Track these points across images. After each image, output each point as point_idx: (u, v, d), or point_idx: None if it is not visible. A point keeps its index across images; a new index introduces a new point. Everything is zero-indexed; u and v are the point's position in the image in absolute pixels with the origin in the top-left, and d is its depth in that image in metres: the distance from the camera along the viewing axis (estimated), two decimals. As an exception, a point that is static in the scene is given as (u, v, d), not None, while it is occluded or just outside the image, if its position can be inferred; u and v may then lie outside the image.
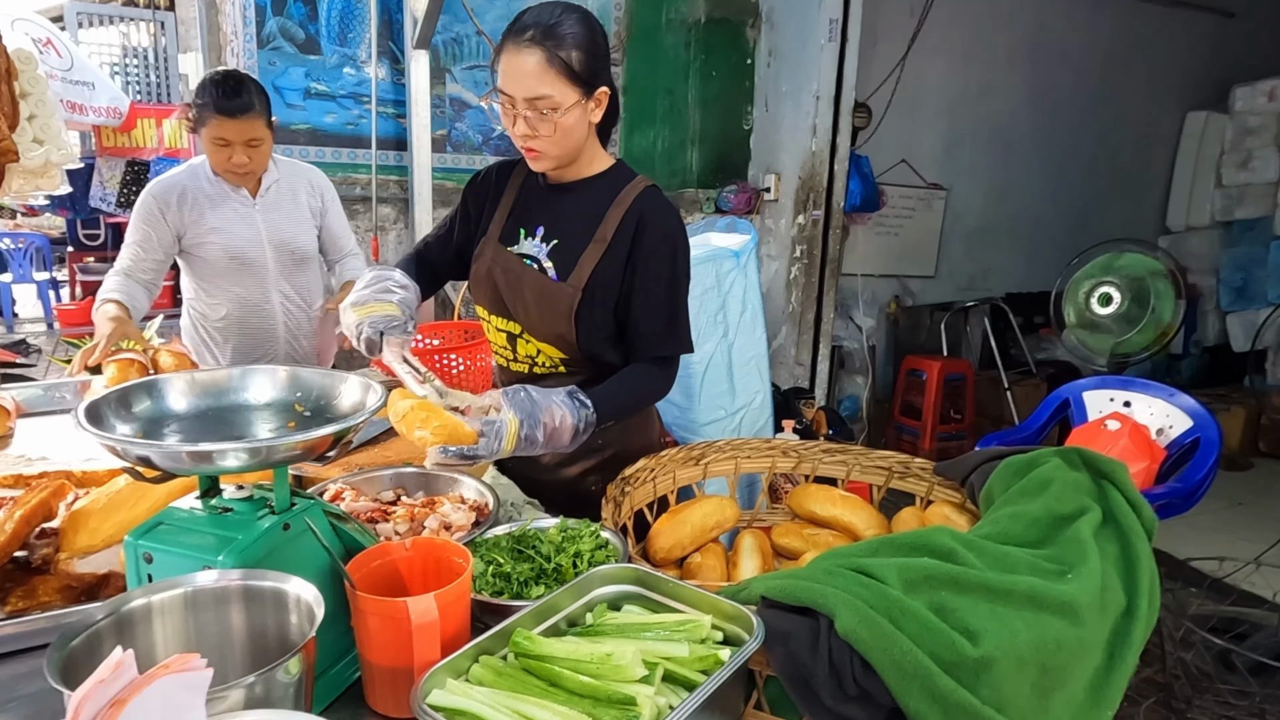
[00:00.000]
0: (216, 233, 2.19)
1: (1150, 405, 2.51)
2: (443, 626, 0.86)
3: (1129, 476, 1.20)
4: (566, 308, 1.41)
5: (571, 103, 1.32)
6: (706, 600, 0.95)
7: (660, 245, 1.41)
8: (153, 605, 0.75)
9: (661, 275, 1.42)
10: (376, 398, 0.92)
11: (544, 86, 1.29)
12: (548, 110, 1.31)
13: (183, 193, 2.16)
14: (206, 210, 2.17)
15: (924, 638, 0.89)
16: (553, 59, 1.29)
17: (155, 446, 0.75)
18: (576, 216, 1.45)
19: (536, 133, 1.33)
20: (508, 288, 1.47)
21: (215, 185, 2.19)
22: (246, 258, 2.23)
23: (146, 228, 2.16)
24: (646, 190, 1.45)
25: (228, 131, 2.05)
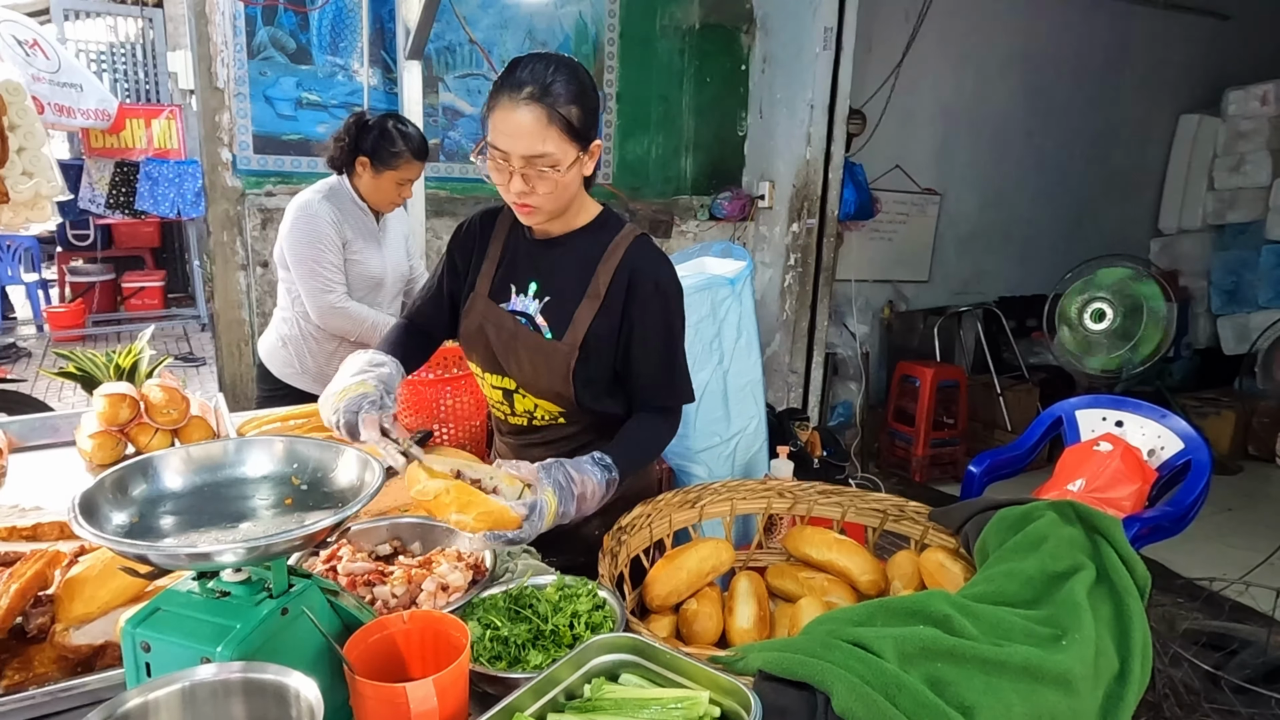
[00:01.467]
0: (360, 254, 2.42)
1: (1142, 426, 2.53)
2: (441, 709, 0.86)
3: (1123, 532, 1.21)
4: (563, 366, 1.40)
5: (570, 160, 1.30)
6: (704, 674, 0.95)
7: (654, 298, 1.40)
8: (149, 705, 0.75)
9: (657, 328, 1.41)
10: (375, 476, 0.92)
11: (543, 144, 1.26)
12: (547, 168, 1.28)
13: (339, 213, 2.38)
14: (358, 232, 2.42)
15: (919, 714, 0.90)
16: (553, 116, 1.26)
17: (152, 547, 0.75)
18: (567, 271, 1.43)
19: (534, 190, 1.30)
20: (501, 346, 1.45)
21: (356, 211, 2.43)
22: (376, 281, 2.49)
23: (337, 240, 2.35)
24: (636, 241, 1.43)
25: (414, 172, 2.40)
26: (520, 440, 1.57)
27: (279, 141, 3.50)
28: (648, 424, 1.43)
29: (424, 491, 1.12)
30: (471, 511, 1.10)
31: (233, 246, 3.50)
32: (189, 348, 6.71)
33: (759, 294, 4.40)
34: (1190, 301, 5.93)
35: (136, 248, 7.59)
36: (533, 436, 1.54)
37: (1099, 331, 3.17)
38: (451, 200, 3.82)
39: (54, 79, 5.08)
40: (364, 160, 2.36)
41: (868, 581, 1.41)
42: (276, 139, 3.49)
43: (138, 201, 6.14)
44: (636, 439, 1.41)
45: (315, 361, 2.54)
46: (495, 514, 1.11)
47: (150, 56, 7.76)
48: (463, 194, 3.85)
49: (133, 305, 7.14)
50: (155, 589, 1.06)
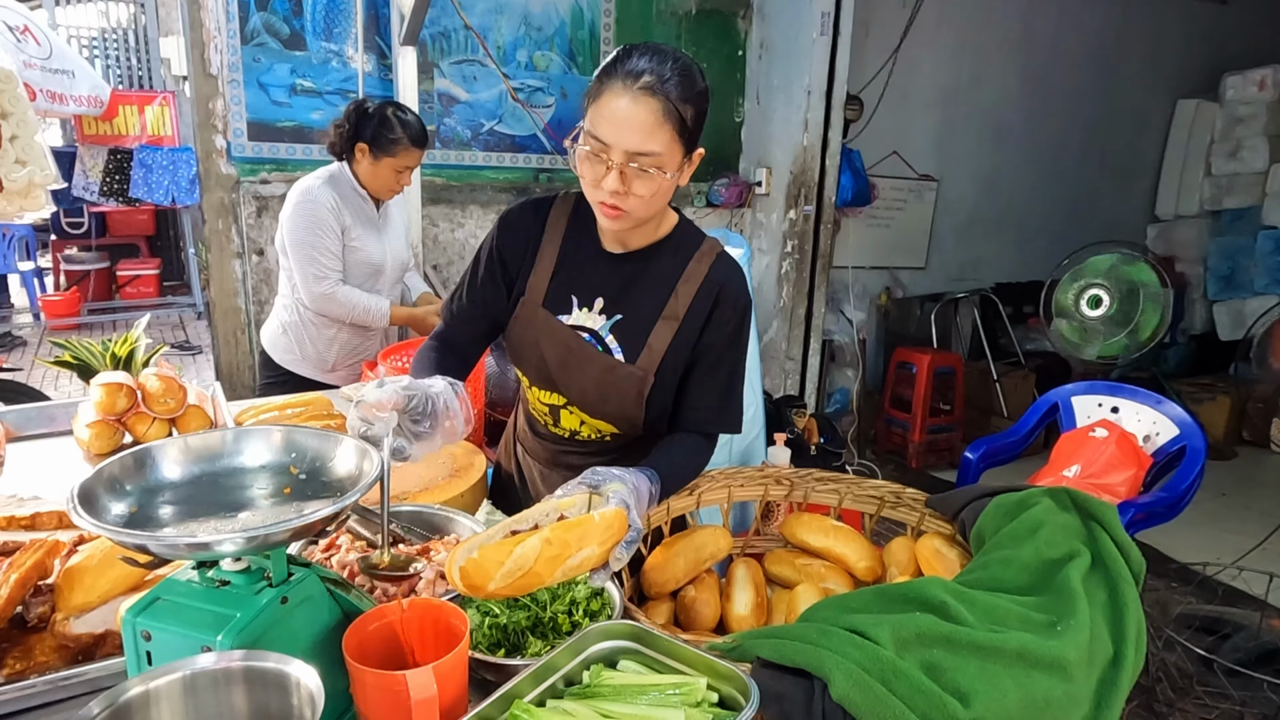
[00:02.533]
0: (360, 240, 2.43)
1: (1138, 411, 2.54)
2: (441, 696, 0.86)
3: (1118, 519, 1.22)
4: (636, 392, 1.31)
5: (676, 163, 1.19)
6: (702, 660, 0.96)
7: (731, 320, 1.31)
8: (151, 693, 0.75)
9: (727, 352, 1.33)
10: (373, 465, 0.92)
11: (653, 142, 1.15)
12: (652, 169, 1.16)
13: (339, 200, 2.38)
14: (358, 219, 2.43)
15: (916, 700, 0.91)
16: (669, 113, 1.14)
17: (151, 537, 0.75)
18: (644, 290, 1.32)
19: (629, 190, 1.18)
20: (560, 364, 1.34)
21: (356, 198, 2.43)
22: (375, 268, 2.50)
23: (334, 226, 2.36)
24: (720, 258, 1.33)
25: (413, 160, 2.39)
26: (558, 447, 1.50)
27: (273, 128, 3.48)
28: (691, 446, 1.33)
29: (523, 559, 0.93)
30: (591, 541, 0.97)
31: (228, 234, 3.48)
32: (185, 336, 6.70)
33: (756, 281, 4.40)
34: (1186, 287, 5.94)
35: (131, 236, 7.56)
36: (572, 446, 1.49)
37: (1096, 318, 3.18)
38: (448, 188, 3.81)
39: (46, 65, 5.04)
40: (363, 147, 2.36)
41: (864, 568, 1.42)
42: (271, 126, 3.47)
43: (132, 189, 6.11)
44: (682, 458, 1.32)
45: (315, 348, 2.56)
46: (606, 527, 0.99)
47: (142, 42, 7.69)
48: (459, 181, 3.83)
49: (128, 293, 7.12)
50: (155, 578, 1.07)
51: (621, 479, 1.11)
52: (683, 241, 1.35)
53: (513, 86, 3.85)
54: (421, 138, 2.39)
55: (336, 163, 2.46)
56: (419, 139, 2.38)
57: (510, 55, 3.87)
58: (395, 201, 2.64)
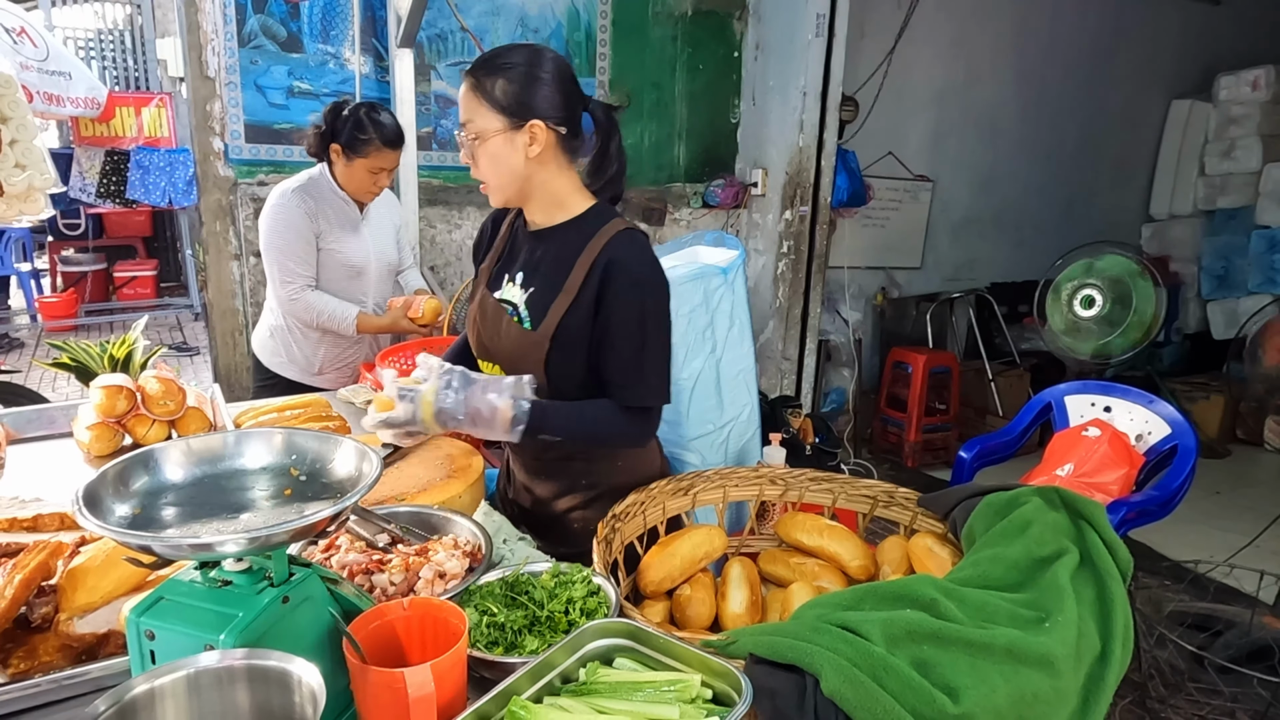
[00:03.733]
0: (338, 243, 2.42)
1: (1130, 411, 2.56)
2: (439, 693, 0.88)
3: (1106, 517, 1.24)
4: (538, 356, 1.42)
5: (494, 130, 1.35)
6: (696, 657, 0.97)
7: (628, 292, 1.38)
8: (155, 691, 0.77)
9: (629, 325, 1.38)
10: (372, 466, 0.93)
11: (468, 113, 1.37)
12: (472, 137, 1.37)
13: (315, 204, 2.37)
14: (334, 222, 2.41)
15: (906, 695, 0.92)
16: (477, 86, 1.35)
17: (155, 538, 0.77)
18: (550, 264, 1.45)
19: (471, 162, 1.40)
20: (488, 332, 1.51)
21: (335, 200, 2.41)
22: (357, 268, 2.48)
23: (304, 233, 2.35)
24: (619, 235, 1.41)
25: (387, 161, 2.35)
26: None
27: (271, 130, 3.49)
28: (609, 408, 1.43)
29: None
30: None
31: (225, 236, 3.49)
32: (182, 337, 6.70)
33: (752, 282, 4.42)
34: (1181, 286, 5.97)
35: (128, 237, 7.56)
36: None
37: (1089, 318, 3.20)
38: (445, 189, 3.82)
39: (42, 67, 5.04)
40: (337, 148, 2.34)
41: (858, 566, 1.44)
42: (268, 128, 3.48)
43: (129, 190, 6.11)
44: (587, 408, 1.43)
45: (301, 351, 2.55)
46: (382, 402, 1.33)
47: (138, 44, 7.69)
48: (455, 182, 3.85)
49: (125, 295, 7.12)
50: (157, 579, 1.08)
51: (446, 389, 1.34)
52: (590, 222, 1.45)
53: (509, 88, 3.87)
54: (395, 139, 2.36)
55: (318, 165, 2.45)
56: (392, 140, 2.35)
57: (507, 57, 3.88)
58: (384, 201, 2.62)
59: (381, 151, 2.33)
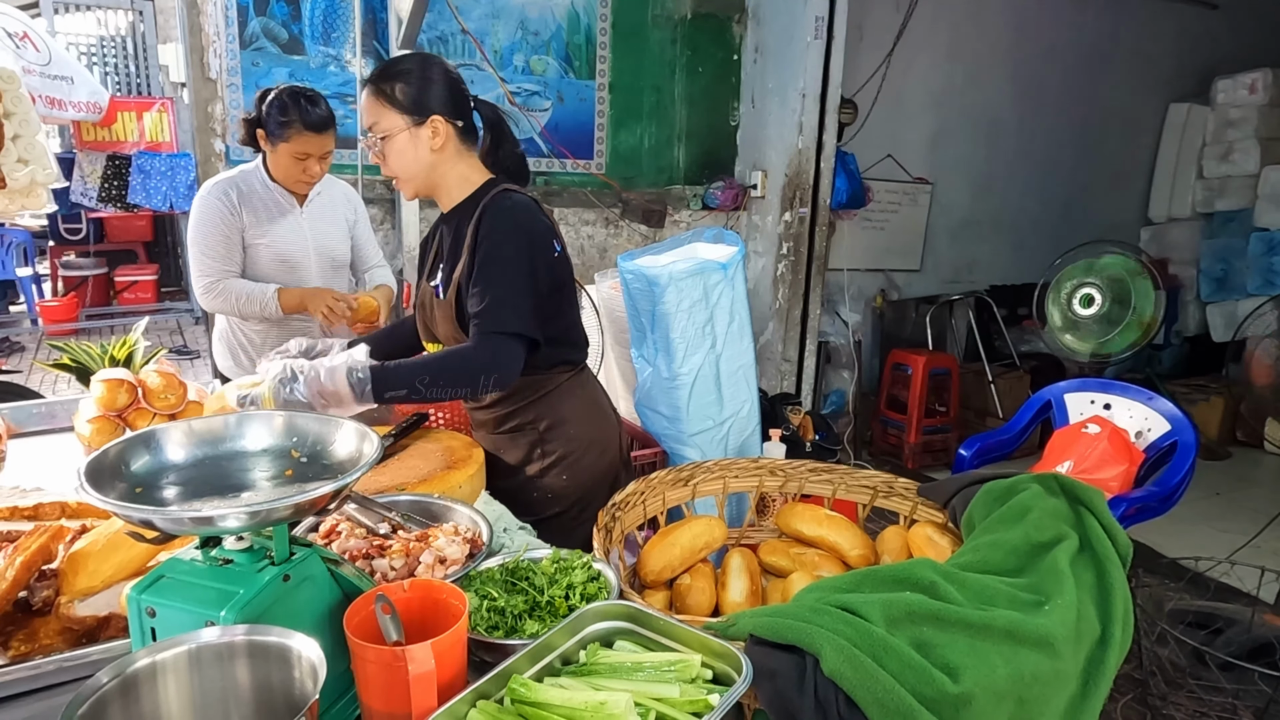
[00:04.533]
0: (269, 236, 2.32)
1: (1130, 408, 2.56)
2: (439, 672, 0.88)
3: (1105, 503, 1.24)
4: (450, 319, 1.58)
5: (399, 128, 1.49)
6: (696, 638, 0.98)
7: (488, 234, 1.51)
8: (157, 665, 0.77)
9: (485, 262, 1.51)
10: (373, 446, 0.94)
11: (372, 117, 1.51)
12: (380, 137, 1.50)
13: (240, 193, 2.29)
14: (261, 213, 2.31)
15: (906, 675, 0.92)
16: (377, 92, 1.50)
17: (157, 511, 0.77)
18: (454, 239, 1.61)
19: (381, 160, 1.53)
20: (424, 314, 1.68)
21: (268, 192, 2.32)
22: (294, 263, 2.37)
23: (222, 228, 2.27)
24: (492, 196, 1.56)
25: (311, 146, 2.22)
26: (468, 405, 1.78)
27: (272, 132, 3.50)
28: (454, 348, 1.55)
29: None
30: None
31: (227, 237, 3.50)
32: (182, 341, 6.71)
33: (752, 283, 4.42)
34: (1180, 289, 5.98)
35: (129, 241, 7.57)
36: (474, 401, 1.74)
37: (1088, 316, 3.21)
38: (445, 190, 3.83)
39: (44, 71, 5.07)
40: (261, 134, 2.24)
41: (857, 556, 1.44)
42: (269, 130, 3.49)
43: (130, 195, 6.13)
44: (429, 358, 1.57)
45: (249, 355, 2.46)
46: None
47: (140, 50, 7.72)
48: (456, 184, 3.85)
49: (125, 299, 7.12)
50: (158, 563, 1.08)
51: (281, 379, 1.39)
52: (479, 197, 1.59)
53: (510, 90, 3.89)
54: (318, 122, 2.21)
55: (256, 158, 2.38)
56: (315, 123, 2.20)
57: (507, 60, 3.90)
58: (333, 193, 2.50)
59: (304, 135, 2.19)
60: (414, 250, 3.65)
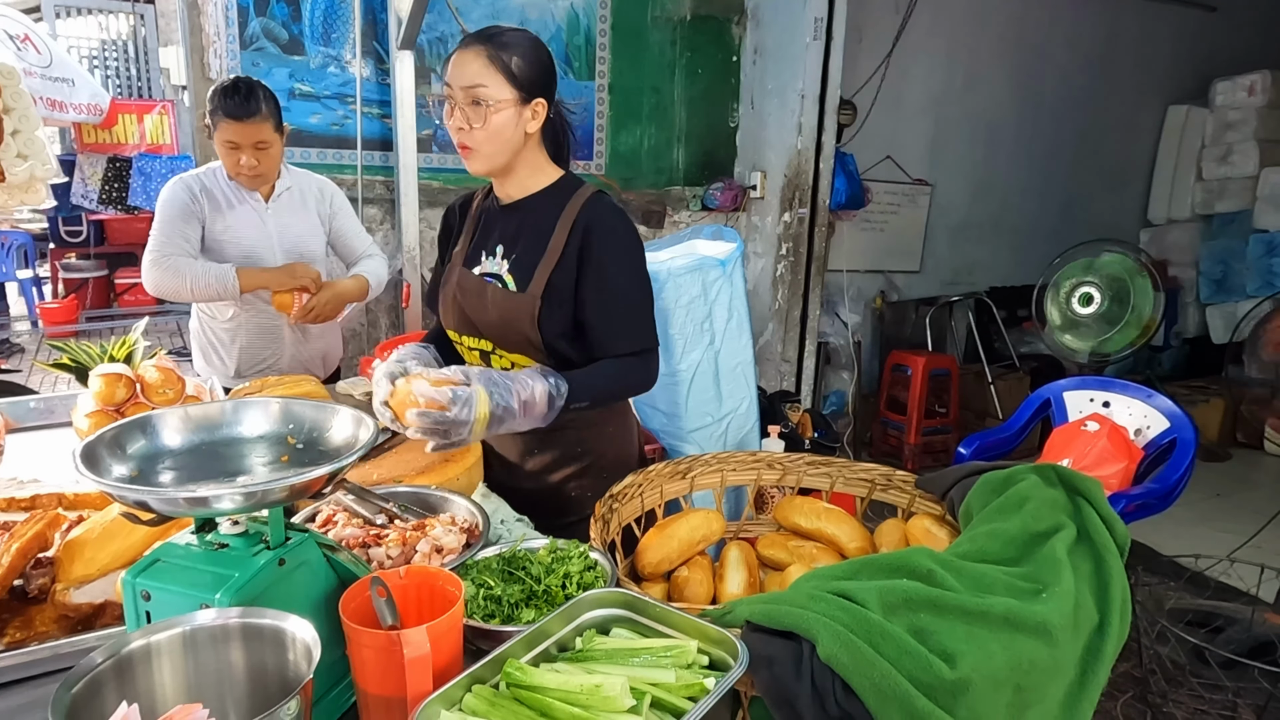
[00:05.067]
0: (230, 232, 2.28)
1: (1129, 406, 2.56)
2: (435, 657, 0.88)
3: (1103, 494, 1.24)
4: (528, 317, 1.48)
5: (505, 99, 1.41)
6: (693, 625, 0.97)
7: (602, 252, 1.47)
8: (152, 646, 0.77)
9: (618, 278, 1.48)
10: (369, 432, 0.94)
11: (482, 79, 1.40)
12: (484, 103, 1.40)
13: (204, 187, 2.26)
14: (224, 209, 2.28)
15: (903, 661, 0.92)
16: (494, 57, 1.41)
17: (152, 492, 0.77)
18: (530, 231, 1.53)
19: (469, 125, 1.42)
20: (471, 307, 1.56)
21: (231, 188, 2.29)
22: (257, 259, 2.31)
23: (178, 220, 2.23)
24: (591, 198, 1.51)
25: (235, 135, 2.15)
26: None
27: (272, 132, 3.50)
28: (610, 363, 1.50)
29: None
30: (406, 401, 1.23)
31: (226, 237, 3.50)
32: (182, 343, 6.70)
33: (751, 284, 4.43)
34: (1179, 291, 5.98)
35: (130, 244, 7.57)
36: None
37: (1088, 315, 3.21)
38: (444, 191, 3.84)
39: (46, 73, 5.08)
40: (206, 127, 2.21)
41: (856, 549, 1.44)
42: (269, 130, 3.50)
43: (131, 197, 6.14)
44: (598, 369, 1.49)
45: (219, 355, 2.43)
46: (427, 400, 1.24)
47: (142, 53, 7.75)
48: (456, 184, 3.86)
49: (125, 301, 7.12)
50: (154, 550, 1.08)
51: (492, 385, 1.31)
52: (563, 189, 1.54)
53: (509, 91, 3.89)
54: (239, 110, 2.12)
55: None
56: (235, 111, 2.12)
57: (507, 60, 3.91)
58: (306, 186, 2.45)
59: (226, 123, 2.13)
60: (414, 250, 3.65)
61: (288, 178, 2.40)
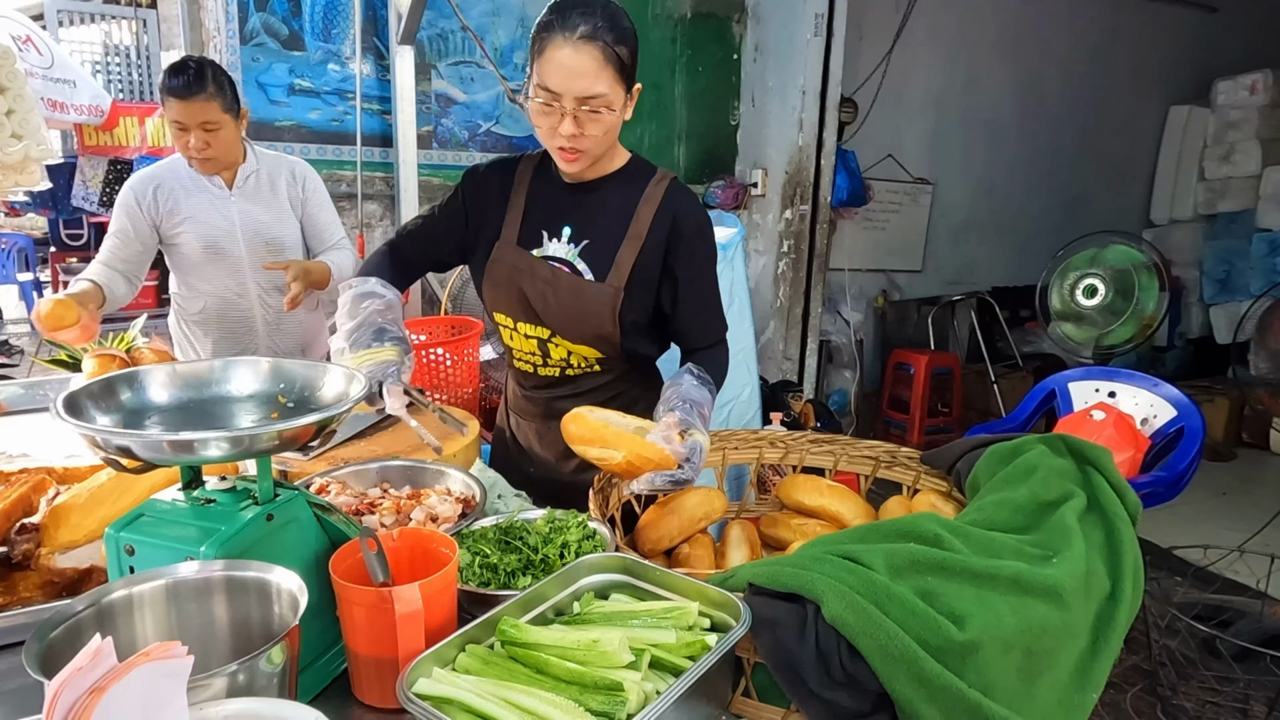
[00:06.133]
0: (190, 222, 2.19)
1: (1135, 395, 2.53)
2: (428, 617, 0.85)
3: (1113, 462, 1.21)
4: (609, 308, 1.39)
5: (620, 101, 1.30)
6: (694, 587, 0.95)
7: (697, 239, 1.43)
8: (134, 597, 0.74)
9: (702, 266, 1.45)
10: (360, 388, 0.91)
11: (600, 85, 1.25)
12: (601, 109, 1.26)
13: (160, 184, 2.18)
14: (181, 200, 2.19)
15: (910, 622, 0.89)
16: (609, 56, 1.25)
17: (135, 436, 0.74)
18: (606, 214, 1.42)
19: (584, 133, 1.28)
20: (536, 294, 1.42)
21: (192, 176, 2.21)
22: (220, 248, 2.24)
23: (125, 219, 2.19)
24: (674, 183, 1.45)
25: (180, 114, 2.05)
26: (549, 393, 1.56)
27: (272, 128, 3.50)
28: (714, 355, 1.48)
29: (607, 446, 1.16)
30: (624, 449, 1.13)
31: (225, 233, 3.49)
32: (182, 345, 6.69)
33: (753, 281, 4.40)
34: (1183, 291, 5.96)
35: (130, 248, 7.57)
36: (564, 389, 1.54)
37: (1092, 307, 3.18)
38: (445, 188, 3.82)
39: (47, 74, 5.08)
40: None
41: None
42: (269, 125, 3.49)
43: (131, 199, 6.13)
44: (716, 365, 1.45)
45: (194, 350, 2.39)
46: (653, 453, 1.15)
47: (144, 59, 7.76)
48: (455, 182, 3.84)
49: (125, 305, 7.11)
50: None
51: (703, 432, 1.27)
52: (638, 170, 1.46)
53: (510, 88, 3.88)
54: (181, 88, 2.03)
55: None
56: (177, 89, 2.02)
57: (508, 57, 3.90)
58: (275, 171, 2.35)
59: (171, 101, 2.03)
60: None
61: (253, 162, 2.29)
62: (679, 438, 1.21)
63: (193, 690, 0.60)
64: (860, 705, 0.91)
